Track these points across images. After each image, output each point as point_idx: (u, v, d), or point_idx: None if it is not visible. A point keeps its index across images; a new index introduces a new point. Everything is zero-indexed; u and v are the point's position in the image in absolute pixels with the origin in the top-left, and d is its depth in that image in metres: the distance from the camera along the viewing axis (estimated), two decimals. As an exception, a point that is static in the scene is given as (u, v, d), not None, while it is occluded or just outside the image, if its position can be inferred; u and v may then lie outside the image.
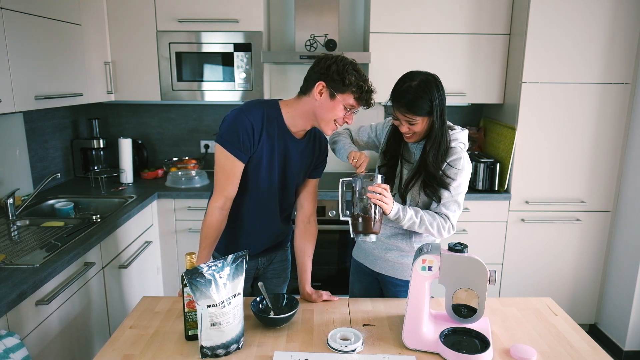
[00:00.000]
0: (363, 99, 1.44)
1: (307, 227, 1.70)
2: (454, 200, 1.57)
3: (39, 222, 2.09)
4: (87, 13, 2.50)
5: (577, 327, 1.44)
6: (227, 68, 2.74)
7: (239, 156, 1.48)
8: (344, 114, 1.45)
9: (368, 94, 1.44)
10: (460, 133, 1.60)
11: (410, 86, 1.49)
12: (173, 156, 3.19)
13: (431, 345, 1.28)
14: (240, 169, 1.50)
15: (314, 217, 1.71)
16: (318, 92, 1.43)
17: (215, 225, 1.54)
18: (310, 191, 1.69)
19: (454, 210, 1.58)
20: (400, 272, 1.69)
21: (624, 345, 2.65)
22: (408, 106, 1.49)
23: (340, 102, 1.43)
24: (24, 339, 1.44)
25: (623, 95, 2.61)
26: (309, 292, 1.61)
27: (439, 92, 1.50)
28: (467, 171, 1.58)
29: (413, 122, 1.51)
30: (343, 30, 3.02)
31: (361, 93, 1.42)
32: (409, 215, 1.51)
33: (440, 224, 1.55)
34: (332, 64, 1.42)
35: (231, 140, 1.46)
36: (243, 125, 1.45)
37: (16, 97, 1.92)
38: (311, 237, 1.70)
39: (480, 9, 2.69)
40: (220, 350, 1.24)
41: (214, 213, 1.53)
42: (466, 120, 3.21)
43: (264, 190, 1.58)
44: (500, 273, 2.82)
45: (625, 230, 2.67)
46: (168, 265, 2.75)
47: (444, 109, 1.51)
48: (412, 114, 1.49)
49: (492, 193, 2.72)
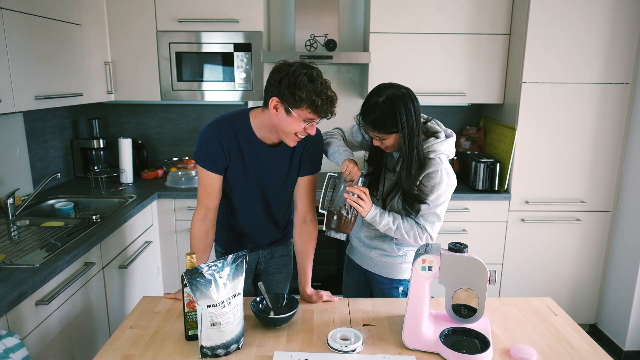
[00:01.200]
0: (320, 110, 1.37)
1: (303, 228, 1.65)
2: (432, 212, 1.55)
3: (39, 222, 2.09)
4: (87, 13, 2.49)
5: (577, 327, 1.44)
6: (227, 68, 2.74)
7: (214, 170, 1.54)
8: (304, 127, 1.41)
9: (326, 105, 1.37)
10: (440, 144, 1.53)
11: (377, 102, 1.46)
12: (173, 156, 3.19)
13: (431, 345, 1.28)
14: (218, 181, 1.56)
15: (310, 217, 1.65)
16: (274, 108, 1.41)
17: (198, 236, 1.60)
18: (301, 190, 1.64)
19: (433, 222, 1.56)
20: (384, 269, 1.71)
21: (624, 345, 2.65)
22: (373, 124, 1.48)
23: (297, 118, 1.39)
24: (24, 339, 1.44)
25: (623, 95, 2.61)
26: (309, 294, 1.61)
27: (406, 108, 1.44)
28: (445, 184, 1.52)
29: (382, 138, 1.51)
30: (343, 30, 3.02)
31: (316, 107, 1.36)
32: (385, 221, 1.52)
33: (416, 234, 1.55)
34: (284, 77, 1.36)
35: (204, 157, 1.53)
36: (212, 142, 1.51)
37: (16, 97, 1.92)
38: (307, 239, 1.65)
39: (480, 9, 2.69)
40: (220, 350, 1.24)
41: (196, 224, 1.60)
42: (466, 120, 3.21)
43: (246, 198, 1.63)
44: (500, 273, 2.82)
45: (625, 230, 2.67)
46: (168, 265, 2.75)
47: (412, 126, 1.46)
48: (377, 131, 1.48)
49: (492, 193, 2.72)
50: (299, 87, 1.34)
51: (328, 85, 1.39)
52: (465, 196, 2.68)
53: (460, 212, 2.69)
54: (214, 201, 1.59)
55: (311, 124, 1.42)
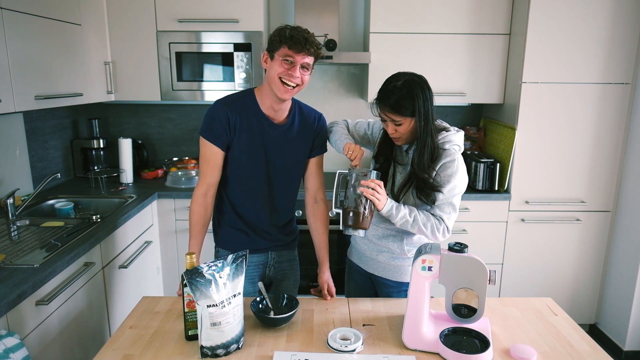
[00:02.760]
0: (296, 44, 1.46)
1: (315, 207, 1.74)
2: (448, 202, 1.55)
3: (39, 222, 2.09)
4: (87, 13, 2.49)
5: (577, 327, 1.44)
6: (227, 68, 2.74)
7: (216, 143, 1.58)
8: (286, 68, 1.49)
9: (301, 40, 1.46)
10: (454, 135, 1.58)
11: (396, 86, 1.49)
12: (173, 156, 3.19)
13: (431, 345, 1.28)
14: (220, 156, 1.60)
15: (320, 196, 1.74)
16: (264, 61, 1.55)
17: (198, 211, 1.63)
18: (311, 171, 1.72)
19: (449, 213, 1.56)
20: (391, 273, 1.69)
21: (624, 345, 2.65)
22: (392, 106, 1.49)
23: (278, 58, 1.49)
24: (24, 339, 1.44)
25: (623, 95, 2.61)
26: (325, 280, 1.66)
27: (423, 94, 1.48)
28: (461, 173, 1.55)
29: (398, 123, 1.51)
30: (343, 30, 3.02)
31: (291, 41, 1.46)
32: (402, 214, 1.50)
33: (434, 225, 1.53)
34: (273, 34, 1.51)
35: (208, 129, 1.58)
36: (218, 115, 1.56)
37: (16, 97, 1.92)
38: (320, 217, 1.74)
39: (480, 9, 2.69)
40: (220, 350, 1.24)
41: (197, 200, 1.63)
42: (466, 120, 3.21)
43: (249, 180, 1.64)
44: (500, 273, 2.82)
45: (625, 230, 2.67)
46: (168, 265, 2.75)
47: (428, 111, 1.50)
48: (396, 114, 1.49)
49: (492, 193, 2.72)
50: (278, 31, 1.50)
51: (308, 31, 1.50)
52: (465, 196, 2.67)
53: (460, 212, 2.68)
54: (216, 176, 1.63)
55: (293, 65, 1.49)
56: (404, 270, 1.68)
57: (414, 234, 1.64)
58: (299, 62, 1.49)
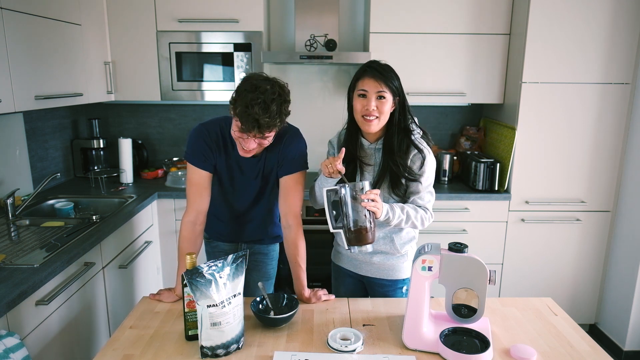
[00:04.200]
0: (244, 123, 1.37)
1: (286, 232, 1.60)
2: (427, 191, 1.61)
3: (39, 222, 2.09)
4: (87, 13, 2.49)
5: (577, 327, 1.44)
6: (227, 68, 2.74)
7: (203, 167, 1.56)
8: (240, 136, 1.42)
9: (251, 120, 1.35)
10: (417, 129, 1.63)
11: (378, 61, 1.56)
12: (173, 156, 3.19)
13: (431, 345, 1.28)
14: (208, 179, 1.58)
15: (293, 221, 1.58)
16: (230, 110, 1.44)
17: (189, 239, 1.58)
18: (281, 192, 1.60)
19: (430, 200, 1.62)
20: (387, 272, 1.70)
21: (624, 345, 2.65)
22: (382, 73, 1.51)
23: (235, 121, 1.42)
24: (24, 339, 1.44)
25: (623, 95, 2.61)
26: (307, 296, 1.57)
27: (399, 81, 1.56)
28: (431, 161, 1.60)
29: (381, 96, 1.51)
30: (343, 30, 3.02)
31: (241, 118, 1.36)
32: (397, 214, 1.51)
33: (423, 216, 1.58)
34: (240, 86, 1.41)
35: (193, 153, 1.57)
36: (202, 137, 1.56)
37: (16, 97, 1.92)
38: (292, 245, 1.58)
39: (480, 9, 2.69)
40: (220, 350, 1.24)
41: (186, 227, 1.59)
42: (466, 120, 3.21)
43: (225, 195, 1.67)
44: (500, 273, 2.82)
45: (625, 230, 2.67)
46: (168, 265, 2.75)
47: (405, 100, 1.57)
48: (383, 82, 1.50)
49: (492, 193, 2.72)
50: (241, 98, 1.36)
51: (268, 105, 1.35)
52: (465, 196, 2.68)
53: (460, 212, 2.69)
54: (205, 202, 1.59)
55: (247, 138, 1.41)
56: (399, 267, 1.69)
57: (402, 230, 1.66)
58: (252, 137, 1.42)
